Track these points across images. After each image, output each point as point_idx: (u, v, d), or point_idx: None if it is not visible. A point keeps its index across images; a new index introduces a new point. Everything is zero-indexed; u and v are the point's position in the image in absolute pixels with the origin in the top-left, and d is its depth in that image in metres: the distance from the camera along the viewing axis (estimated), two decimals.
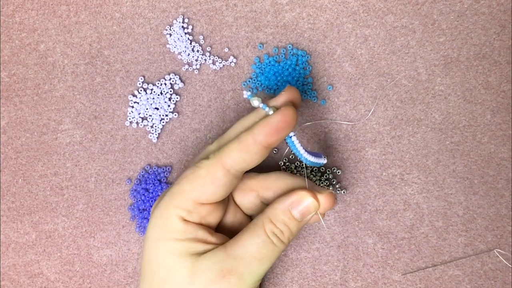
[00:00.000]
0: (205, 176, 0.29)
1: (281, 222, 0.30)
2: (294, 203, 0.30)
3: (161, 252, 0.30)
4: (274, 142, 0.29)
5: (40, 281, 0.39)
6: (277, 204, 0.30)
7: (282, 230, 0.29)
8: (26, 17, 0.40)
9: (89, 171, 0.39)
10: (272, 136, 0.28)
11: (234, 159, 0.29)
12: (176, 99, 0.39)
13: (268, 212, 0.30)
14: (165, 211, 0.30)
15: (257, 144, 0.29)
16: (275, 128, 0.28)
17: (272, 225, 0.29)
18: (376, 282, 0.37)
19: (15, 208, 0.39)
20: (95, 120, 0.39)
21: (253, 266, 0.29)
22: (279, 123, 0.28)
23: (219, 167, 0.29)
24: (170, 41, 0.39)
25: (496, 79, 0.38)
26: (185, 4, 0.39)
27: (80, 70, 0.40)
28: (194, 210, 0.30)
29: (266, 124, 0.28)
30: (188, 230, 0.30)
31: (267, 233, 0.29)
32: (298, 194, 0.30)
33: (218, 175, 0.29)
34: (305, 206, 0.30)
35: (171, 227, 0.30)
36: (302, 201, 0.30)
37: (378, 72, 0.38)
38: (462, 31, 0.38)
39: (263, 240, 0.29)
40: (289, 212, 0.30)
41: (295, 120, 0.29)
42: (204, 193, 0.29)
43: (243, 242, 0.29)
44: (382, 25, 0.39)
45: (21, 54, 0.40)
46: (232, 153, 0.29)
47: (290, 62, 0.38)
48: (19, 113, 0.40)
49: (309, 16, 0.39)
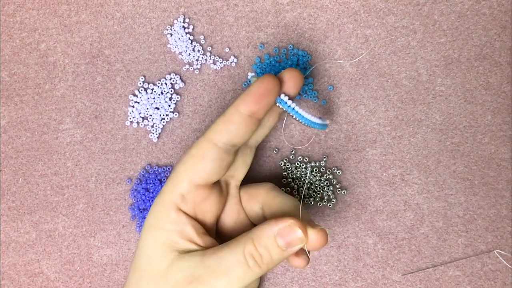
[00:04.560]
0: (195, 153, 0.30)
1: (263, 246, 0.28)
2: (281, 230, 0.28)
3: (148, 240, 0.30)
4: (257, 110, 0.29)
5: (40, 280, 0.39)
6: (264, 226, 0.28)
7: (261, 254, 0.28)
8: (27, 16, 0.40)
9: (89, 170, 0.39)
10: (254, 103, 0.29)
11: (220, 132, 0.29)
12: (176, 99, 0.39)
13: (253, 232, 0.28)
14: (161, 198, 0.30)
15: (240, 114, 0.29)
16: (256, 95, 0.29)
17: (253, 246, 0.28)
18: (376, 282, 0.37)
19: (16, 208, 0.39)
20: (95, 120, 0.39)
21: (222, 282, 0.27)
22: (259, 90, 0.29)
23: (207, 142, 0.29)
24: (170, 41, 0.39)
25: (497, 80, 0.38)
26: (186, 4, 0.39)
27: (81, 69, 0.40)
28: (188, 193, 0.30)
29: (246, 92, 0.29)
30: (179, 221, 0.30)
31: (245, 254, 0.28)
32: (287, 222, 0.28)
33: (207, 150, 0.29)
34: (291, 237, 0.28)
35: (163, 214, 0.30)
36: (290, 232, 0.28)
37: (378, 73, 0.38)
38: (463, 31, 0.38)
39: (238, 259, 0.28)
40: (274, 238, 0.28)
41: (275, 86, 0.29)
42: (197, 171, 0.29)
43: (220, 255, 0.28)
44: (383, 26, 0.39)
45: (21, 54, 0.40)
46: (218, 126, 0.29)
47: (290, 62, 0.38)
48: (19, 112, 0.40)
49: (310, 16, 0.39)
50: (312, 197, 0.38)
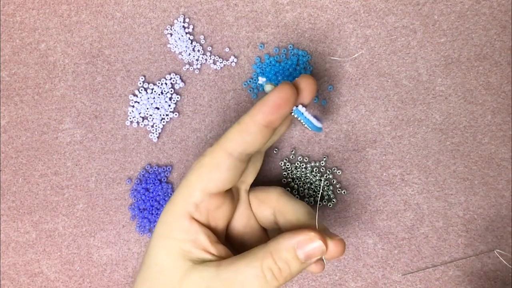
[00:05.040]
0: (209, 163, 0.29)
1: (283, 259, 0.27)
2: (301, 242, 0.27)
3: (160, 249, 0.29)
4: (273, 121, 0.28)
5: (40, 280, 0.39)
6: (283, 240, 0.28)
7: (281, 268, 0.27)
8: (27, 16, 0.40)
9: (89, 170, 0.39)
10: (270, 114, 0.28)
11: (235, 142, 0.28)
12: (176, 98, 0.39)
13: (271, 246, 0.28)
14: (173, 206, 0.30)
15: (256, 123, 0.28)
16: (273, 106, 0.28)
17: (272, 260, 0.27)
18: (376, 282, 0.37)
19: (15, 207, 0.39)
20: (95, 120, 0.39)
21: None
22: (276, 100, 0.28)
23: (221, 151, 0.29)
24: (171, 41, 0.39)
25: (497, 79, 0.38)
26: (186, 3, 0.39)
27: (81, 69, 0.40)
28: (202, 203, 0.29)
29: (263, 102, 0.28)
30: (192, 230, 0.29)
31: (263, 268, 0.27)
32: (307, 235, 0.27)
33: (221, 159, 0.29)
34: (312, 248, 0.27)
35: (176, 224, 0.29)
36: (310, 243, 0.27)
37: (378, 73, 0.38)
38: (463, 31, 0.38)
39: (256, 273, 0.27)
40: (294, 251, 0.27)
41: (292, 96, 0.28)
42: (211, 180, 0.29)
43: (237, 268, 0.27)
44: (383, 26, 0.39)
45: (21, 54, 0.40)
46: (233, 135, 0.29)
47: (291, 62, 0.38)
48: (19, 112, 0.40)
49: (310, 16, 0.39)
50: (312, 197, 0.38)
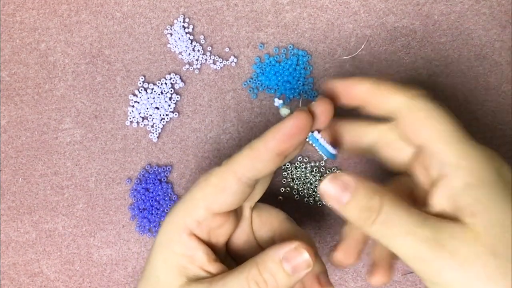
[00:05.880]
0: (216, 184, 0.28)
1: (268, 271, 0.26)
2: (288, 254, 0.26)
3: (159, 260, 0.29)
4: (286, 149, 0.27)
5: (40, 280, 0.39)
6: (270, 251, 0.27)
7: (266, 280, 0.26)
8: (27, 16, 0.40)
9: (89, 170, 0.39)
10: (284, 142, 0.26)
11: (245, 167, 0.27)
12: (176, 98, 0.39)
13: (259, 257, 0.27)
14: (174, 218, 0.29)
15: (269, 151, 0.26)
16: (287, 134, 0.26)
17: (257, 272, 0.26)
18: None
19: (15, 207, 0.39)
20: (95, 120, 0.39)
21: None
22: (291, 129, 0.26)
23: (230, 175, 0.27)
24: (170, 41, 0.39)
25: (497, 80, 0.38)
26: (186, 3, 0.39)
27: (81, 69, 0.40)
28: (204, 220, 0.28)
29: (277, 129, 0.26)
30: (190, 246, 0.28)
31: (248, 280, 0.26)
32: (293, 244, 0.26)
33: (229, 183, 0.27)
34: (298, 261, 0.26)
35: (176, 236, 0.29)
36: (297, 255, 0.26)
37: (379, 73, 0.38)
38: (462, 31, 0.38)
39: (241, 285, 0.26)
40: (279, 262, 0.26)
41: (308, 125, 0.27)
42: (215, 201, 0.28)
43: (225, 282, 0.27)
44: (383, 26, 0.39)
45: (21, 53, 0.40)
46: (244, 160, 0.27)
47: (290, 62, 0.38)
48: (19, 112, 0.40)
49: (310, 16, 0.39)
50: (311, 197, 0.38)
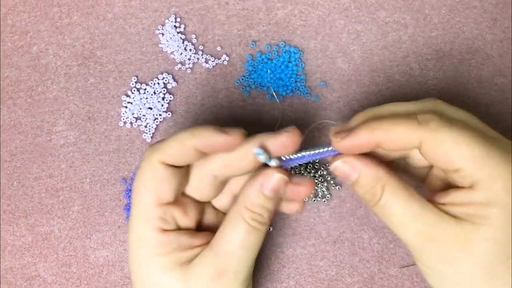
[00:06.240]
0: (151, 176, 0.29)
1: (258, 206, 0.29)
2: (264, 183, 0.29)
3: (150, 272, 0.29)
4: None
5: (37, 283, 0.39)
6: (248, 190, 0.29)
7: (260, 213, 0.29)
8: (18, 19, 0.40)
9: (83, 172, 0.39)
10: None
11: (168, 152, 0.29)
12: (169, 98, 0.39)
13: (242, 200, 0.30)
14: (140, 227, 0.30)
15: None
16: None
17: (250, 212, 0.29)
18: (372, 277, 0.37)
19: (11, 211, 0.39)
20: (89, 121, 0.39)
21: (243, 256, 0.29)
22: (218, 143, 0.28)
23: (156, 162, 0.29)
24: (162, 41, 0.39)
25: (489, 72, 0.38)
26: (176, 3, 0.39)
27: (73, 71, 0.40)
28: (165, 214, 0.29)
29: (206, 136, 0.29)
30: (170, 241, 0.29)
31: (248, 222, 0.29)
32: (264, 173, 0.29)
33: (160, 168, 0.29)
34: (275, 182, 0.29)
35: (151, 243, 0.29)
36: (271, 179, 0.29)
37: (371, 68, 0.38)
38: (454, 25, 0.38)
39: (246, 229, 0.29)
40: (262, 194, 0.29)
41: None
42: (158, 191, 0.29)
43: (228, 237, 0.29)
44: (374, 21, 0.39)
45: (13, 57, 0.40)
46: (166, 145, 0.29)
47: (282, 59, 0.38)
48: (12, 115, 0.40)
49: (301, 13, 0.39)
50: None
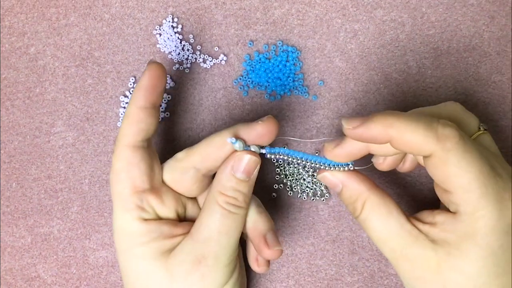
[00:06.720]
0: (121, 166, 0.30)
1: (230, 189, 0.29)
2: (235, 166, 0.29)
3: (134, 262, 0.30)
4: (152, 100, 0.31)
5: (37, 284, 0.39)
6: (220, 175, 0.30)
7: (234, 196, 0.29)
8: (16, 20, 0.40)
9: (82, 173, 0.39)
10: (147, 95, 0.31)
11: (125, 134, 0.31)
12: (167, 98, 0.39)
13: (215, 185, 0.30)
14: (121, 217, 0.30)
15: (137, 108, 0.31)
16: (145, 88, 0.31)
17: (223, 196, 0.29)
18: (372, 276, 0.37)
19: (10, 212, 0.39)
20: (87, 122, 0.39)
21: (222, 241, 0.29)
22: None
23: (124, 148, 0.30)
24: (160, 41, 0.39)
25: (487, 70, 0.38)
26: (174, 3, 0.39)
27: (71, 72, 0.40)
28: (142, 202, 0.30)
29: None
30: (151, 230, 0.30)
31: (223, 206, 0.29)
32: (235, 156, 0.30)
33: (126, 154, 0.30)
34: (245, 164, 0.29)
35: (133, 233, 0.30)
36: (241, 161, 0.29)
37: (368, 67, 0.38)
38: (451, 23, 0.38)
39: (221, 213, 0.29)
40: (233, 177, 0.29)
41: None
42: (131, 178, 0.30)
43: (205, 223, 0.29)
44: (371, 19, 0.39)
45: (11, 58, 0.40)
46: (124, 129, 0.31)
47: (280, 59, 0.38)
48: (11, 117, 0.40)
49: (298, 12, 0.39)
50: (305, 192, 0.38)
